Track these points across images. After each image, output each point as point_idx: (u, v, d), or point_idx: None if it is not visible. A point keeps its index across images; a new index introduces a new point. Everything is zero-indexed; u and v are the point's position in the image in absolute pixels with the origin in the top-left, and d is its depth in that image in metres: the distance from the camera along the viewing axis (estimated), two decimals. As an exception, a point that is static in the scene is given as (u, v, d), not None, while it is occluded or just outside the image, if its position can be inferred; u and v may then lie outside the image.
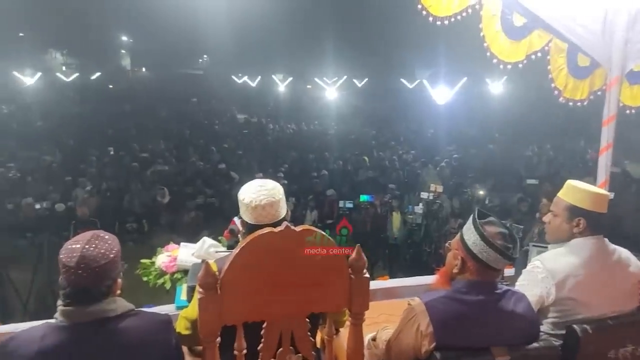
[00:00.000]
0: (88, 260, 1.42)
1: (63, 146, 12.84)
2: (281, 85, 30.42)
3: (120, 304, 1.51)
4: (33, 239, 7.27)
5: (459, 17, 3.50)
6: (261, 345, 1.52)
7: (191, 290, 2.16)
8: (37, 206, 6.43)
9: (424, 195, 6.84)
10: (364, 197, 7.17)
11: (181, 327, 1.80)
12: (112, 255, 1.48)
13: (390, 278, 3.70)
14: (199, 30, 28.14)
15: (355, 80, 29.04)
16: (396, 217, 7.07)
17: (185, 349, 1.89)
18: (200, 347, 1.86)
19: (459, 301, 1.68)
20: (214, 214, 8.27)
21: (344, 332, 1.96)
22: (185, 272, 2.38)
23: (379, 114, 21.93)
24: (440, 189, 6.66)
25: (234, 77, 33.84)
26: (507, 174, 10.60)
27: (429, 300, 1.69)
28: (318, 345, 2.06)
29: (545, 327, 1.89)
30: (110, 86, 31.07)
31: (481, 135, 16.65)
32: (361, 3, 18.89)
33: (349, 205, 6.99)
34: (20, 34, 28.07)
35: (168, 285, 2.37)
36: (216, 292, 1.42)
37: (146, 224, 8.34)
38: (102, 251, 1.46)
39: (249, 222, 1.84)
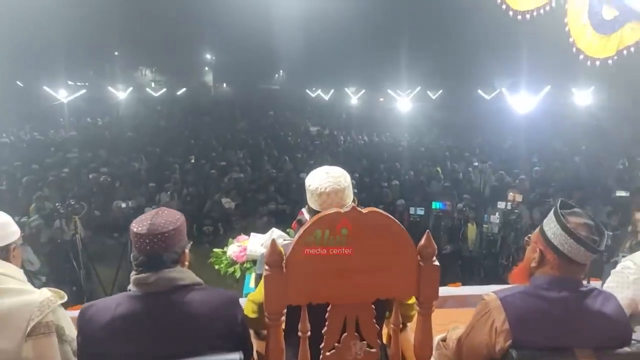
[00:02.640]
0: (157, 227, 1.51)
1: (150, 154, 13.76)
2: (354, 97, 30.59)
3: (189, 275, 1.57)
4: (119, 239, 7.86)
5: (541, 11, 3.31)
6: (325, 329, 1.51)
7: (259, 278, 2.20)
8: (123, 205, 6.90)
9: (501, 204, 6.48)
10: (436, 205, 6.93)
11: (248, 310, 1.83)
12: (178, 223, 1.56)
13: (461, 287, 3.52)
14: (275, 48, 29.23)
15: (429, 92, 28.51)
16: (471, 228, 6.76)
17: (252, 333, 1.91)
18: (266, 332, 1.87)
19: (539, 297, 1.55)
20: (284, 220, 8.41)
21: (412, 329, 1.89)
22: (254, 261, 2.44)
23: (454, 125, 21.29)
24: (519, 198, 6.25)
25: (308, 91, 34.63)
26: (595, 186, 9.81)
27: (506, 296, 1.58)
28: (384, 341, 2.00)
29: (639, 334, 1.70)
30: (194, 101, 32.95)
31: (566, 147, 15.59)
32: (436, 13, 18.56)
33: (420, 212, 6.79)
34: (115, 53, 30.70)
35: (238, 274, 2.44)
36: (282, 270, 1.43)
37: (222, 228, 8.68)
38: (169, 219, 1.55)
39: (315, 208, 1.84)
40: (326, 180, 1.83)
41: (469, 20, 15.51)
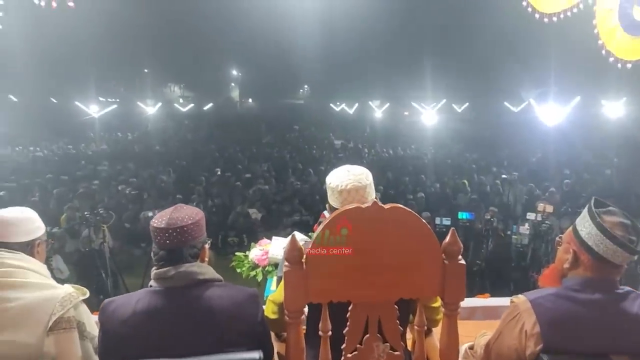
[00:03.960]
0: (176, 220, 1.51)
1: (177, 167, 14.00)
2: (378, 111, 30.58)
3: (209, 270, 1.56)
4: (146, 249, 7.97)
5: (569, 14, 3.22)
6: (347, 329, 1.46)
7: (280, 281, 2.18)
8: (150, 214, 7.00)
9: (530, 216, 6.30)
10: (462, 215, 6.78)
11: (268, 311, 1.81)
12: (197, 218, 1.56)
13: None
14: (300, 63, 29.61)
15: (454, 105, 28.28)
16: (499, 239, 6.57)
17: (273, 336, 1.88)
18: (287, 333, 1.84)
19: (571, 300, 1.48)
20: (308, 231, 8.39)
21: (437, 334, 1.83)
22: (276, 265, 2.42)
23: (480, 138, 20.99)
24: (549, 209, 6.06)
25: (332, 105, 34.80)
26: (628, 199, 9.46)
27: (536, 298, 1.51)
28: (409, 347, 1.94)
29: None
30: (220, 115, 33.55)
31: (597, 159, 15.14)
32: (460, 24, 18.42)
33: (446, 222, 6.65)
34: (145, 70, 31.62)
35: (260, 277, 2.43)
36: (302, 266, 1.40)
37: (246, 239, 8.71)
38: (188, 214, 1.55)
39: (336, 206, 1.81)
40: (347, 177, 1.81)
41: (495, 30, 15.34)
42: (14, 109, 24.14)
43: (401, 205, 1.42)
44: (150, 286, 1.53)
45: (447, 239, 1.43)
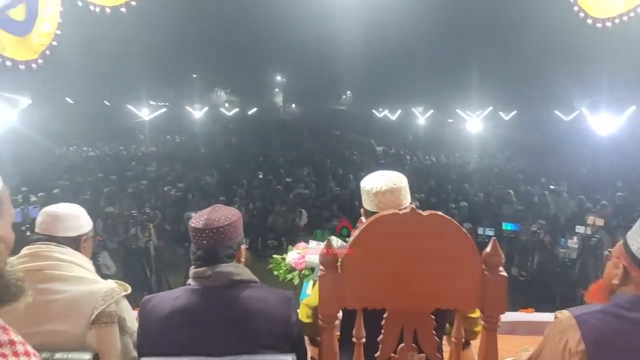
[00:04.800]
0: (213, 221, 1.55)
1: (221, 170, 14.34)
2: (421, 117, 30.19)
3: (245, 271, 1.58)
4: (188, 248, 8.17)
5: (624, 18, 3.06)
6: (381, 336, 1.44)
7: (315, 285, 2.18)
8: (193, 214, 7.22)
9: (579, 229, 6.00)
10: (507, 226, 6.55)
11: (302, 315, 1.81)
12: (234, 219, 1.59)
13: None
14: (343, 69, 29.75)
15: (501, 113, 27.49)
16: (546, 252, 6.31)
17: (306, 340, 1.88)
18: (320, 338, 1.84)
19: (620, 318, 1.39)
20: (347, 237, 8.38)
21: (476, 347, 1.77)
22: (312, 269, 2.43)
23: (528, 147, 20.27)
24: (600, 222, 5.75)
25: (374, 111, 34.68)
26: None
27: (581, 314, 1.44)
28: (445, 360, 1.89)
29: None
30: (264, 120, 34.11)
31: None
32: (508, 29, 17.90)
33: (489, 232, 6.44)
34: (194, 75, 32.69)
35: (296, 281, 2.45)
36: (336, 271, 1.39)
37: (285, 242, 8.79)
38: (225, 215, 1.58)
39: (370, 209, 1.80)
40: (381, 180, 1.80)
41: (545, 35, 14.83)
42: (70, 111, 25.53)
43: (440, 213, 1.39)
44: (189, 284, 1.57)
45: (488, 249, 1.39)
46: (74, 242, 1.79)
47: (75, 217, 1.83)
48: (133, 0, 2.38)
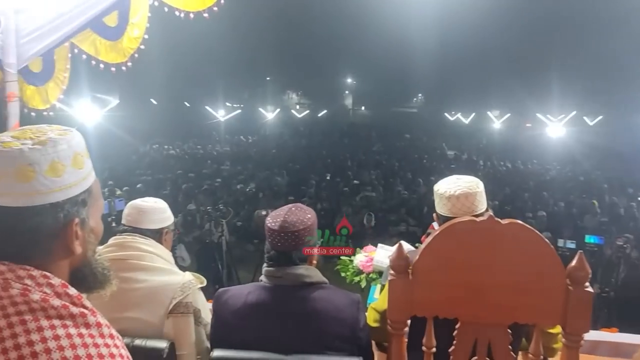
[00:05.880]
0: (289, 225, 1.56)
1: (290, 170, 14.62)
2: (496, 121, 28.94)
3: (316, 274, 1.59)
4: (258, 245, 8.42)
5: None
6: (453, 348, 1.39)
7: (383, 289, 2.15)
8: (264, 212, 7.41)
9: (673, 245, 5.45)
10: (590, 239, 6.08)
11: (370, 319, 1.79)
12: (309, 223, 1.59)
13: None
14: (415, 71, 29.21)
15: (586, 118, 25.71)
16: (634, 268, 5.78)
17: (373, 345, 1.86)
18: (387, 344, 1.81)
19: None
20: (414, 242, 8.20)
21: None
22: (380, 273, 2.40)
23: (615, 155, 18.74)
24: (701, 238, 5.20)
25: (446, 114, 33.76)
26: None
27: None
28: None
29: None
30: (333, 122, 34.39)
31: None
32: (593, 26, 16.62)
33: (570, 245, 6.01)
34: (268, 78, 33.65)
35: (363, 284, 2.43)
36: (407, 276, 1.36)
37: (351, 244, 8.77)
38: (301, 218, 1.58)
39: (444, 214, 1.75)
40: (456, 184, 1.74)
41: (635, 35, 13.63)
42: (154, 111, 27.29)
43: (520, 222, 1.32)
44: (261, 280, 1.61)
45: (574, 262, 1.30)
46: (157, 235, 1.89)
47: (159, 211, 1.93)
48: (215, 6, 2.47)
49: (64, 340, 0.71)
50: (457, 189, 1.72)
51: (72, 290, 0.79)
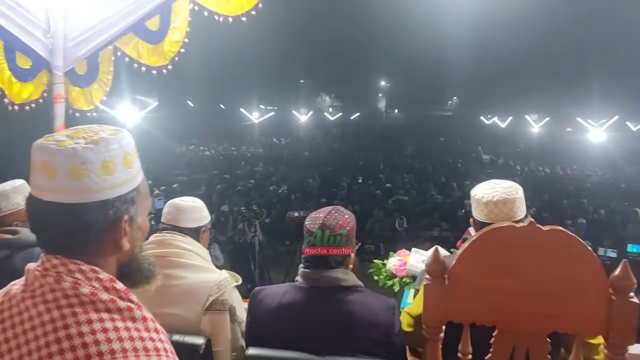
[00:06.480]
0: (327, 228, 1.55)
1: (322, 172, 14.66)
2: (535, 126, 28.11)
3: (352, 277, 1.59)
4: (289, 246, 8.47)
5: None
6: (489, 355, 1.37)
7: (417, 294, 2.13)
8: (296, 214, 7.47)
9: None
10: (633, 248, 5.81)
11: (404, 323, 1.78)
12: (348, 228, 1.60)
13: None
14: (450, 73, 28.78)
15: (629, 123, 24.68)
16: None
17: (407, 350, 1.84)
18: (421, 349, 1.79)
19: None
20: (448, 248, 8.06)
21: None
22: (413, 277, 2.38)
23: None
24: None
25: (482, 117, 33.05)
26: None
27: None
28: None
29: None
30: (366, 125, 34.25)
31: None
32: (638, 28, 15.93)
33: (611, 254, 5.77)
34: (301, 81, 33.91)
35: (396, 288, 2.41)
36: (444, 281, 1.35)
37: (383, 248, 8.71)
38: (340, 223, 1.59)
39: (481, 220, 1.71)
40: (494, 189, 1.71)
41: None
42: (190, 113, 27.89)
43: (562, 229, 1.28)
44: (297, 281, 1.62)
45: (618, 271, 1.26)
46: (195, 233, 1.94)
47: (197, 210, 1.98)
48: (253, 10, 2.50)
49: (112, 333, 0.74)
50: (495, 195, 1.69)
51: (120, 285, 0.82)
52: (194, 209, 1.96)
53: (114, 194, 0.82)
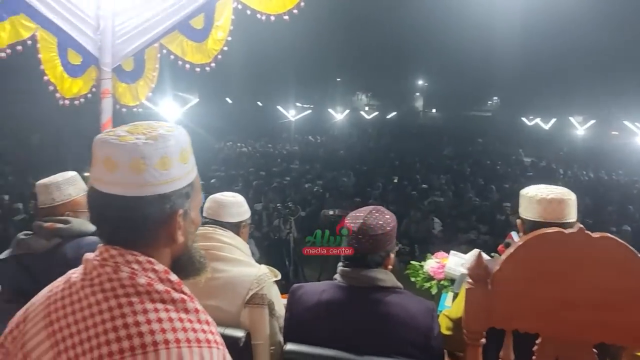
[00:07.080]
0: (367, 228, 1.57)
1: (357, 171, 14.59)
2: (580, 128, 27.05)
3: (391, 278, 1.59)
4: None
5: None
6: (532, 363, 1.34)
7: (456, 298, 2.09)
8: (330, 212, 7.48)
9: None
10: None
11: (442, 326, 1.75)
12: (388, 228, 1.59)
13: None
14: (491, 73, 28.11)
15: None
16: None
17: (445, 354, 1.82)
18: (461, 354, 1.76)
19: None
20: (485, 251, 7.87)
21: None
22: (452, 280, 2.34)
23: None
24: None
25: (524, 118, 32.11)
26: None
27: None
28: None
29: None
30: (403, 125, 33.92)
31: None
32: None
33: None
34: (338, 79, 33.91)
35: (434, 291, 2.38)
36: (486, 286, 1.33)
37: (417, 249, 8.61)
38: (381, 223, 1.59)
39: (530, 218, 1.68)
40: (548, 189, 1.71)
41: None
42: (229, 110, 28.38)
43: (613, 236, 1.24)
44: (335, 279, 1.63)
45: (672, 283, 1.20)
46: (235, 227, 1.98)
47: (237, 205, 2.02)
48: (295, 9, 2.51)
49: (166, 323, 0.77)
50: (549, 193, 1.67)
51: (174, 277, 0.85)
52: (235, 204, 2.00)
53: (171, 188, 0.85)
